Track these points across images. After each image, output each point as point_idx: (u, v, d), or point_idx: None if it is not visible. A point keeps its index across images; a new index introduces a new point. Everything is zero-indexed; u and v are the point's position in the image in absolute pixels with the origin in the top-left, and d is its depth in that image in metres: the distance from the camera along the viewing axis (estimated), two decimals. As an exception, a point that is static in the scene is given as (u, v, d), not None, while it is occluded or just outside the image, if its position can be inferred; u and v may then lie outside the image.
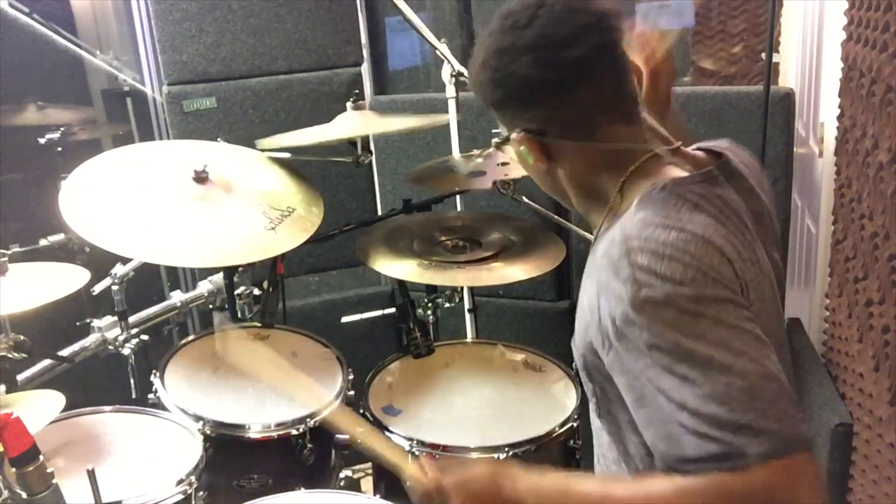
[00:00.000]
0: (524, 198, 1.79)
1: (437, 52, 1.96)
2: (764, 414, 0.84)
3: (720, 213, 0.99)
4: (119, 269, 1.69)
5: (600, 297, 0.94)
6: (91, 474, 1.23)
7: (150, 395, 1.69)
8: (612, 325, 0.91)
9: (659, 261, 0.89)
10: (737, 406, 0.84)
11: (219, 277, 1.89)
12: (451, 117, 1.94)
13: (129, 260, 1.69)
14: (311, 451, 1.64)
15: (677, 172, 1.04)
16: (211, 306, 1.91)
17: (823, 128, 2.15)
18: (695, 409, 0.85)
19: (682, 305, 0.87)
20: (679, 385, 0.86)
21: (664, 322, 0.87)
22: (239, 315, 1.88)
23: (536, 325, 2.54)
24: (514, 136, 1.08)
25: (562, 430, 1.64)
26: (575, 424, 1.66)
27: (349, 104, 1.90)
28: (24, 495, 1.11)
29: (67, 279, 1.50)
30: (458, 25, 2.83)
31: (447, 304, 2.04)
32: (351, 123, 1.85)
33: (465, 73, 1.21)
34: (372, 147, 2.16)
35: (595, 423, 1.12)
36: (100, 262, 1.68)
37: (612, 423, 1.06)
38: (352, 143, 1.84)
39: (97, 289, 1.68)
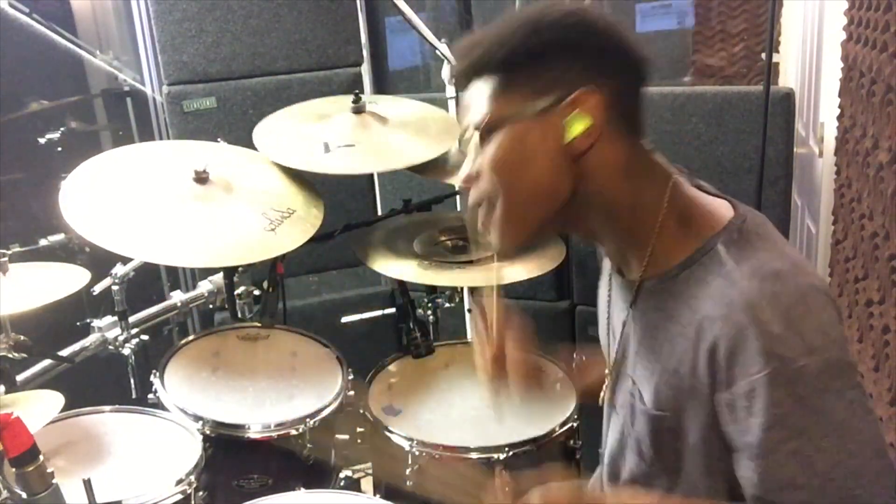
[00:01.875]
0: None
1: (437, 52, 1.96)
2: (866, 493, 0.84)
3: (786, 241, 0.97)
4: (119, 269, 1.69)
5: (717, 362, 0.88)
6: (87, 484, 1.23)
7: (150, 395, 1.69)
8: (730, 394, 0.88)
9: (789, 327, 0.84)
10: (841, 485, 0.84)
11: (219, 277, 1.89)
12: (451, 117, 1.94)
13: (130, 260, 1.69)
14: (311, 451, 1.64)
15: (701, 194, 1.00)
16: (211, 306, 1.92)
17: (823, 128, 2.15)
18: (799, 487, 0.85)
19: (812, 380, 0.84)
20: (787, 460, 0.85)
21: (793, 398, 0.84)
22: (239, 315, 1.88)
23: (536, 325, 2.54)
24: (579, 91, 0.90)
25: (562, 430, 1.64)
26: (575, 424, 1.66)
27: (349, 105, 1.89)
28: (24, 495, 1.11)
29: (67, 279, 1.50)
30: (458, 25, 2.83)
31: (447, 304, 2.04)
32: (350, 132, 1.84)
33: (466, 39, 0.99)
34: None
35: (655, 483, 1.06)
36: (100, 262, 1.68)
37: (674, 478, 1.02)
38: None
39: (97, 289, 1.68)
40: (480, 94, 0.96)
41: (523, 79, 0.93)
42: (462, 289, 2.08)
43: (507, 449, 1.58)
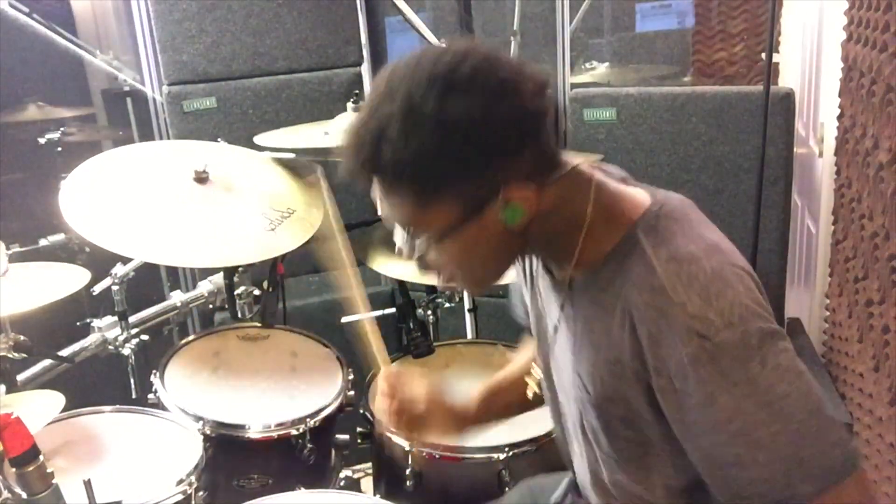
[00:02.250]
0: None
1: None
2: (812, 451, 0.85)
3: (705, 220, 0.98)
4: (119, 269, 1.69)
5: (647, 346, 0.90)
6: (87, 485, 1.23)
7: (150, 395, 1.69)
8: (666, 378, 0.89)
9: (706, 305, 0.86)
10: (786, 452, 0.85)
11: (219, 277, 1.89)
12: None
13: (130, 260, 1.69)
14: (311, 451, 1.64)
15: (620, 186, 1.01)
16: (211, 306, 1.92)
17: (823, 128, 2.15)
18: (746, 464, 0.86)
19: (733, 352, 0.86)
20: (729, 441, 0.87)
21: (719, 374, 0.86)
22: (239, 315, 1.88)
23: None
24: (506, 191, 0.90)
25: (562, 430, 1.64)
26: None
27: (349, 104, 1.90)
28: (24, 495, 1.11)
29: (67, 279, 1.50)
30: (458, 25, 2.82)
31: (447, 304, 2.04)
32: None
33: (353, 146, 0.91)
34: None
35: (608, 480, 1.08)
36: (100, 262, 1.68)
37: (640, 471, 1.03)
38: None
39: (97, 289, 1.68)
40: (400, 201, 0.93)
41: (446, 189, 0.90)
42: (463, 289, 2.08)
43: (507, 449, 1.58)
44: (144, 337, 1.74)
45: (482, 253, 0.97)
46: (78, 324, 1.80)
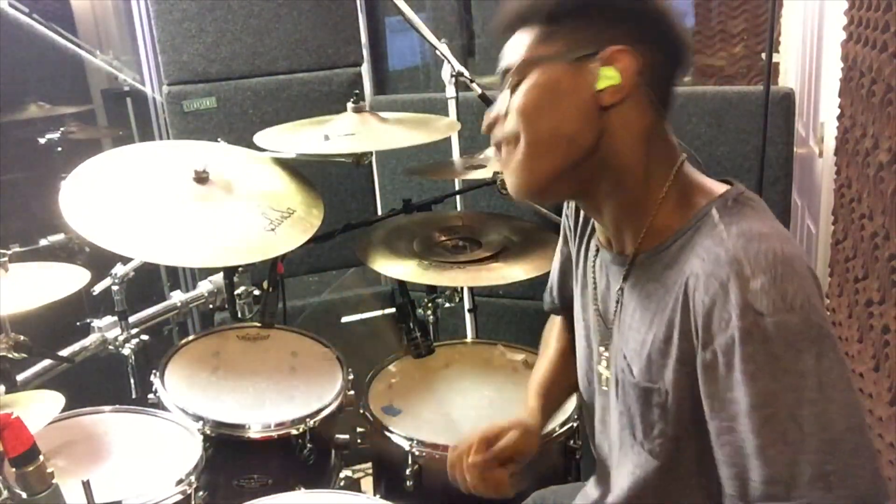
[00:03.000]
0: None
1: (437, 52, 1.96)
2: (841, 467, 0.79)
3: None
4: (119, 269, 1.69)
5: (698, 318, 0.87)
6: (86, 486, 1.23)
7: (150, 395, 1.69)
8: (712, 353, 0.86)
9: (771, 283, 0.82)
10: (814, 458, 0.79)
11: (219, 277, 1.89)
12: (451, 117, 1.94)
13: (130, 260, 1.69)
14: (311, 451, 1.64)
15: (703, 176, 1.01)
16: (211, 306, 1.92)
17: (823, 128, 2.15)
18: (771, 458, 0.81)
19: (788, 337, 0.81)
20: (760, 427, 0.82)
21: (767, 355, 0.81)
22: (239, 315, 1.88)
23: (536, 325, 2.53)
24: (616, 47, 0.92)
25: (562, 430, 1.64)
26: (575, 424, 1.66)
27: (349, 104, 1.90)
28: (24, 495, 1.11)
29: (67, 279, 1.50)
30: (458, 25, 2.83)
31: (447, 304, 2.04)
32: (350, 127, 1.85)
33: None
34: (372, 147, 2.16)
35: (648, 466, 1.02)
36: (100, 262, 1.68)
37: (669, 471, 0.99)
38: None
39: (97, 289, 1.68)
40: (520, 42, 0.98)
41: (565, 30, 0.95)
42: (462, 289, 2.08)
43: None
44: (144, 337, 1.74)
45: (559, 107, 0.95)
46: (78, 324, 1.80)
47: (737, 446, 0.84)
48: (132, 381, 1.73)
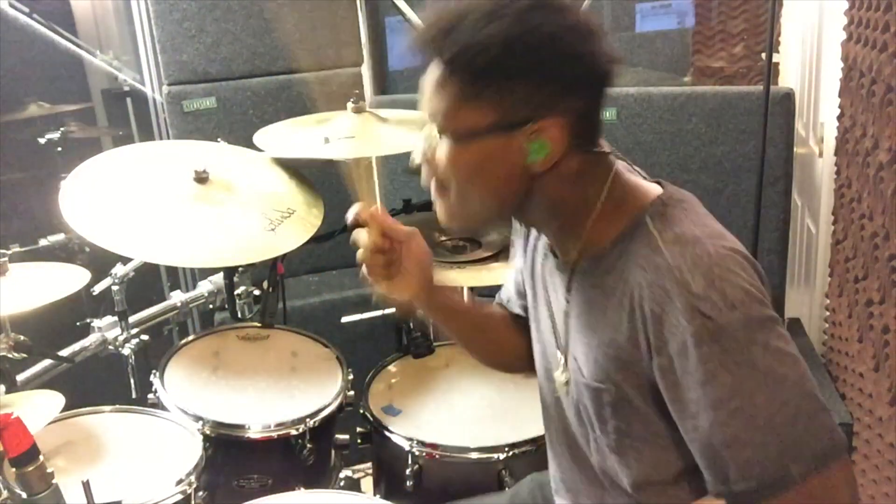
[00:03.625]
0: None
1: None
2: (805, 434, 0.87)
3: (710, 216, 0.99)
4: (119, 269, 1.69)
5: (648, 326, 0.92)
6: (86, 486, 1.23)
7: (150, 395, 1.69)
8: (667, 357, 0.91)
9: (710, 286, 0.87)
10: (780, 434, 0.87)
11: (219, 277, 1.89)
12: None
13: (130, 260, 1.69)
14: (310, 451, 1.64)
15: (635, 178, 1.03)
16: (211, 306, 1.92)
17: (823, 128, 2.15)
18: (741, 445, 0.88)
19: (735, 334, 0.87)
20: (726, 420, 0.88)
21: (721, 353, 0.87)
22: (239, 315, 1.88)
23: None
24: (544, 121, 0.91)
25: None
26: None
27: (349, 105, 1.90)
28: (24, 495, 1.11)
29: (67, 279, 1.50)
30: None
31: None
32: (350, 128, 1.85)
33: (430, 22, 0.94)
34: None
35: (607, 460, 1.07)
36: (100, 262, 1.68)
37: (637, 453, 1.03)
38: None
39: (97, 289, 1.68)
40: (445, 87, 0.94)
41: (491, 93, 0.91)
42: (462, 289, 2.08)
43: (507, 449, 1.58)
44: (144, 337, 1.74)
45: (490, 175, 0.96)
46: (78, 324, 1.80)
47: (707, 442, 0.90)
48: (132, 381, 1.73)
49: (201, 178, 1.63)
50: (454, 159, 0.96)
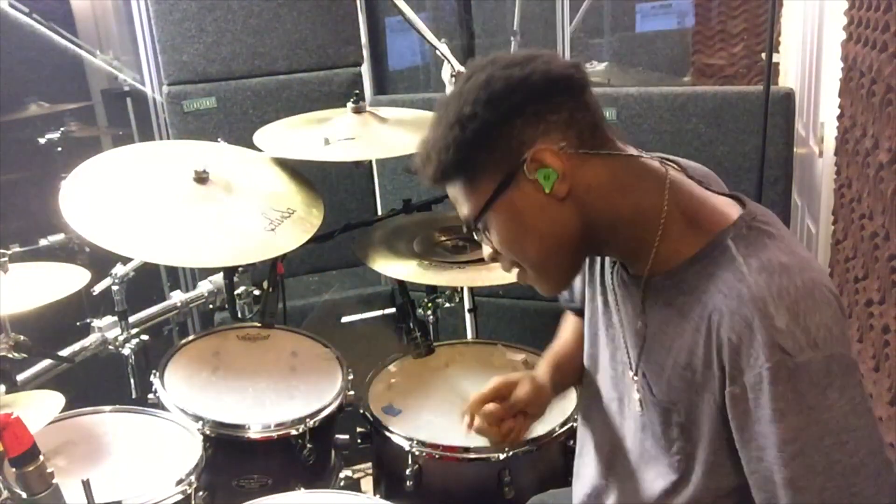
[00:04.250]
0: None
1: (437, 52, 1.96)
2: (865, 489, 0.86)
3: (795, 239, 0.97)
4: (119, 269, 1.69)
5: (725, 354, 0.90)
6: (86, 485, 1.23)
7: (150, 395, 1.69)
8: (741, 387, 0.90)
9: (794, 322, 0.86)
10: (841, 484, 0.86)
11: (219, 277, 1.89)
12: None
13: (130, 260, 1.69)
14: (311, 451, 1.64)
15: (705, 192, 1.01)
16: (211, 306, 1.92)
17: (823, 128, 2.15)
18: (799, 487, 0.87)
19: (813, 376, 0.85)
20: (788, 461, 0.87)
21: (795, 393, 0.86)
22: (239, 315, 1.88)
23: (536, 325, 2.54)
24: (531, 153, 0.94)
25: (562, 430, 1.64)
26: (575, 424, 1.66)
27: (349, 104, 1.90)
28: (24, 495, 1.11)
29: (67, 279, 1.50)
30: (458, 25, 2.83)
31: (447, 304, 2.04)
32: (350, 129, 1.85)
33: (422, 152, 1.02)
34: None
35: (664, 480, 1.06)
36: (100, 262, 1.68)
37: (696, 477, 1.02)
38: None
39: (97, 289, 1.68)
40: (457, 195, 1.02)
41: (481, 166, 0.97)
42: (462, 289, 2.08)
43: (507, 449, 1.58)
44: (144, 337, 1.74)
45: (532, 225, 0.98)
46: (78, 324, 1.80)
47: (766, 476, 0.90)
48: (132, 381, 1.73)
49: (201, 178, 1.63)
50: (499, 235, 1.00)
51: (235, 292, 1.86)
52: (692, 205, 0.98)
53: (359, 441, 1.76)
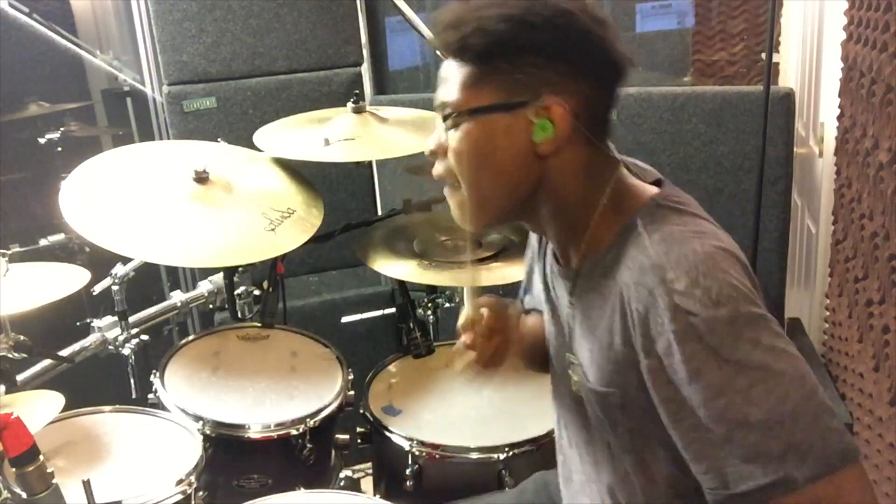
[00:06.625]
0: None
1: (437, 52, 1.96)
2: (808, 435, 0.83)
3: (709, 218, 0.98)
4: (119, 269, 1.69)
5: (635, 327, 0.91)
6: (86, 485, 1.23)
7: (150, 395, 1.69)
8: (656, 358, 0.89)
9: (694, 283, 0.86)
10: (780, 432, 0.83)
11: (219, 277, 1.89)
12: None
13: (130, 260, 1.69)
14: (311, 451, 1.64)
15: (636, 181, 1.02)
16: (211, 306, 1.92)
17: (823, 128, 2.15)
18: (738, 442, 0.85)
19: (722, 330, 0.85)
20: (719, 417, 0.85)
21: (706, 350, 0.85)
22: (239, 315, 1.88)
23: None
24: (549, 99, 0.92)
25: (562, 430, 1.64)
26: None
27: (349, 105, 1.90)
28: (24, 495, 1.11)
29: (67, 279, 1.50)
30: (458, 25, 2.81)
31: (447, 304, 2.04)
32: (350, 129, 1.85)
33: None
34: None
35: (622, 461, 1.06)
36: (100, 262, 1.68)
37: (640, 465, 1.02)
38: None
39: (97, 289, 1.68)
40: (455, 77, 0.97)
41: (499, 73, 0.94)
42: (462, 289, 2.08)
43: (507, 449, 1.58)
44: (144, 337, 1.74)
45: (498, 157, 0.96)
46: (78, 324, 1.80)
47: (705, 440, 0.87)
48: (132, 381, 1.73)
49: (201, 178, 1.64)
50: (462, 142, 0.97)
51: (235, 292, 1.86)
52: (622, 195, 1.00)
53: (359, 441, 1.76)
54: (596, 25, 0.94)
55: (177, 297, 1.86)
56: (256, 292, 1.87)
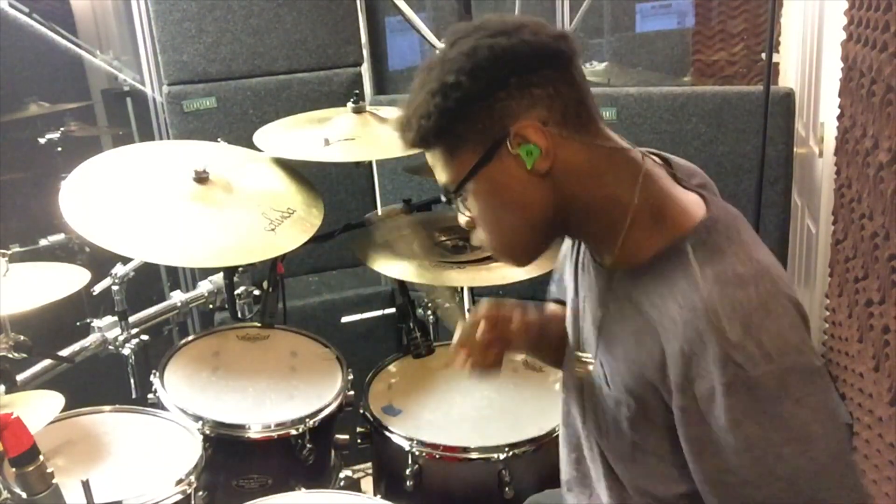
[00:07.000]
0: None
1: (436, 52, 1.96)
2: (830, 494, 0.85)
3: (758, 240, 0.96)
4: (119, 269, 1.69)
5: (676, 364, 0.89)
6: (86, 485, 1.23)
7: (150, 395, 1.69)
8: (691, 398, 0.89)
9: (747, 335, 0.85)
10: (804, 488, 0.85)
11: (219, 277, 1.89)
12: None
13: (130, 260, 1.69)
14: (310, 451, 1.64)
15: (679, 190, 1.00)
16: (211, 306, 1.92)
17: (823, 128, 2.15)
18: (762, 489, 0.86)
19: (770, 385, 0.84)
20: (748, 465, 0.86)
21: (750, 404, 0.85)
22: (239, 315, 1.88)
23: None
24: (515, 127, 0.92)
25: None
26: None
27: (349, 104, 1.90)
28: (24, 495, 1.11)
29: (67, 279, 1.50)
30: (458, 25, 2.81)
31: (447, 305, 2.04)
32: (350, 129, 1.85)
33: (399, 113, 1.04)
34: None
35: (617, 465, 1.07)
36: (100, 262, 1.68)
37: (644, 467, 1.02)
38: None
39: (97, 289, 1.68)
40: (436, 162, 1.01)
41: (462, 136, 0.95)
42: (462, 289, 2.08)
43: (507, 449, 1.58)
44: (144, 337, 1.74)
45: (508, 198, 0.97)
46: (78, 324, 1.80)
47: (727, 481, 0.88)
48: (132, 381, 1.73)
49: (201, 178, 1.63)
50: (478, 207, 1.00)
51: (235, 292, 1.86)
52: (659, 200, 0.97)
53: (359, 441, 1.76)
54: (512, 34, 0.92)
55: (177, 297, 1.86)
56: (256, 292, 1.87)
